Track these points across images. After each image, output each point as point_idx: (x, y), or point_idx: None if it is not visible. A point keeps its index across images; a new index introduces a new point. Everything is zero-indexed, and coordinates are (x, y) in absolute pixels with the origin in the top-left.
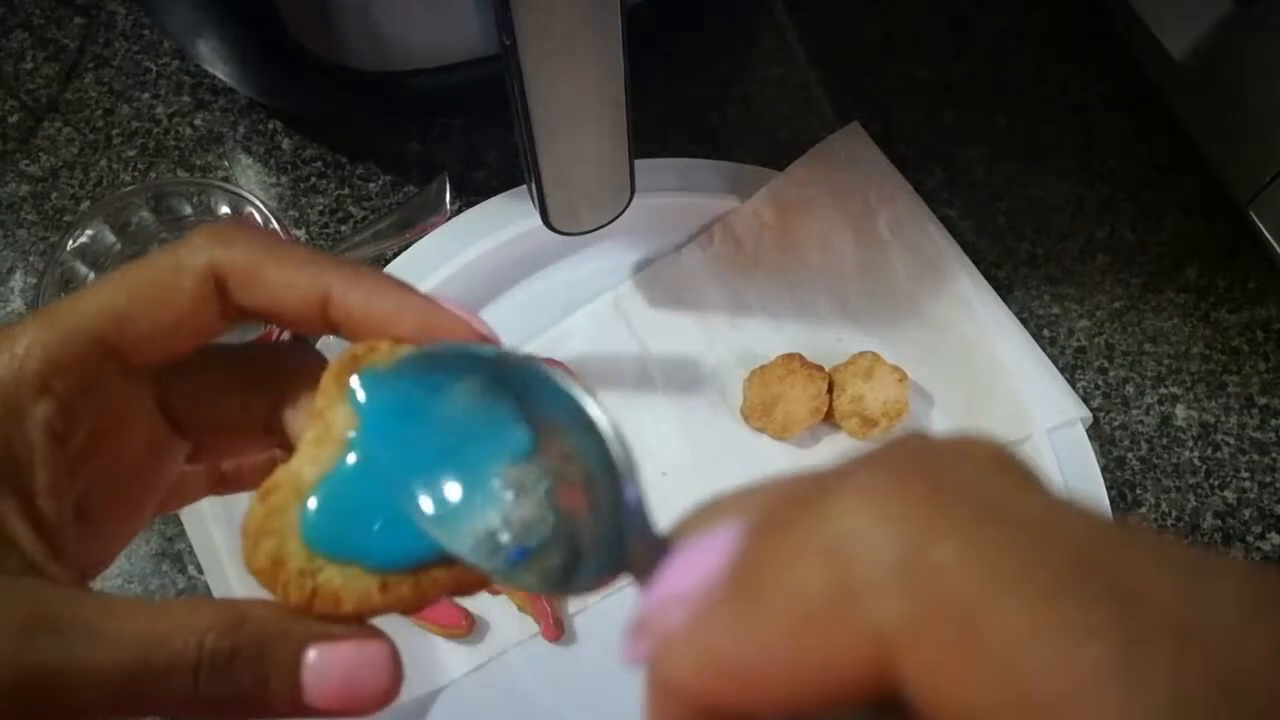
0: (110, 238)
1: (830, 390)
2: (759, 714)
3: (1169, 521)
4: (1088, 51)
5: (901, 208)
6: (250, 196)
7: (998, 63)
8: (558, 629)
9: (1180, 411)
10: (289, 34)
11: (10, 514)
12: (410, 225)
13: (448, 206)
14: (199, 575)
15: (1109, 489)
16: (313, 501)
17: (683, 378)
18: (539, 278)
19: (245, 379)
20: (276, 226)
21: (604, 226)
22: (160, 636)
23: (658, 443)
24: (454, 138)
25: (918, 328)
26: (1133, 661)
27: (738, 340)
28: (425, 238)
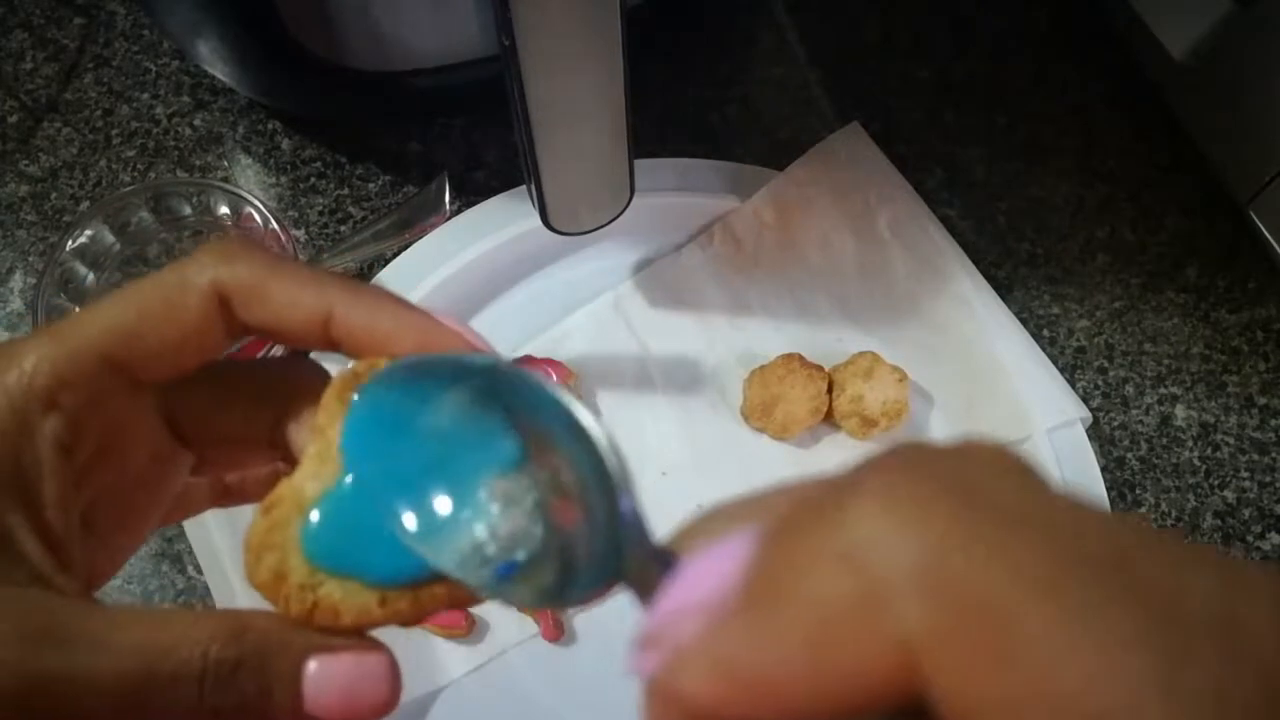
0: (110, 238)
1: (830, 390)
2: None
3: (1169, 521)
4: (1088, 51)
5: (901, 208)
6: (250, 197)
7: (998, 63)
8: (558, 629)
9: (1180, 411)
10: (289, 34)
11: (19, 527)
12: (410, 225)
13: (447, 207)
14: (198, 576)
15: (1109, 489)
16: (314, 516)
17: (683, 378)
18: (539, 278)
19: (249, 393)
20: (276, 227)
21: (604, 226)
22: (164, 646)
23: (658, 443)
24: (454, 138)
25: (918, 328)
26: (1180, 673)
27: (738, 340)
28: (425, 238)
